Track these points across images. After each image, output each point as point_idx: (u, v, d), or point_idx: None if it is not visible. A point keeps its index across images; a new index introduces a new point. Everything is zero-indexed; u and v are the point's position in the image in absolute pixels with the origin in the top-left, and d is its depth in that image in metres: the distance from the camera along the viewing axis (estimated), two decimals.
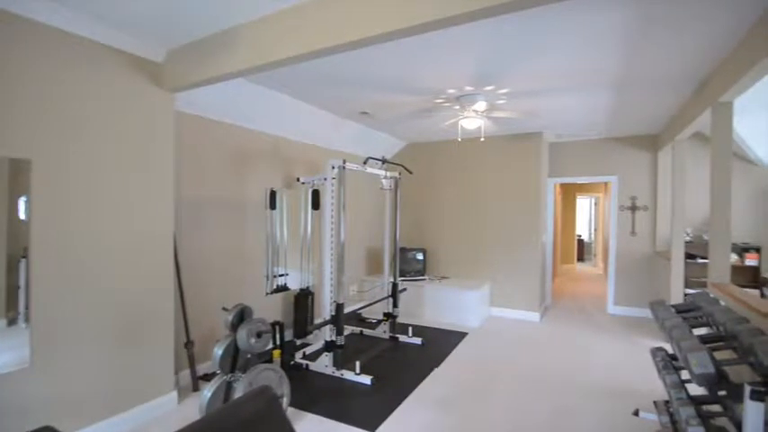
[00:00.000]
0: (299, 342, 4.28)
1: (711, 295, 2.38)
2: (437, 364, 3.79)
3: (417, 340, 4.35)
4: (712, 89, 3.11)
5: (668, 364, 2.44)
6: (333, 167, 3.56)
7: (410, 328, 4.50)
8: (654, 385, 3.39)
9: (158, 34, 2.57)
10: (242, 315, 2.64)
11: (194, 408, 2.93)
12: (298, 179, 4.22)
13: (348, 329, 4.71)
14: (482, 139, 4.77)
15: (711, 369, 1.62)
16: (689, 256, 4.75)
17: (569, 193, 10.61)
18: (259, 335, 2.58)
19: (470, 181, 5.94)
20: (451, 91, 3.69)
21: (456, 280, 5.76)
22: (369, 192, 5.71)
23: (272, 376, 2.64)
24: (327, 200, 3.59)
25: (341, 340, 3.50)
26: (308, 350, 4.02)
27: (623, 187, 5.85)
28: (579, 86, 3.54)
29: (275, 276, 4.31)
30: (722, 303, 2.23)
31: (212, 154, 3.65)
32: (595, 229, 11.88)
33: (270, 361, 3.54)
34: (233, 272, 3.85)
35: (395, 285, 4.54)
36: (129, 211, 2.66)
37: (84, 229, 2.44)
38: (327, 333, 3.52)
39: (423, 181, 6.26)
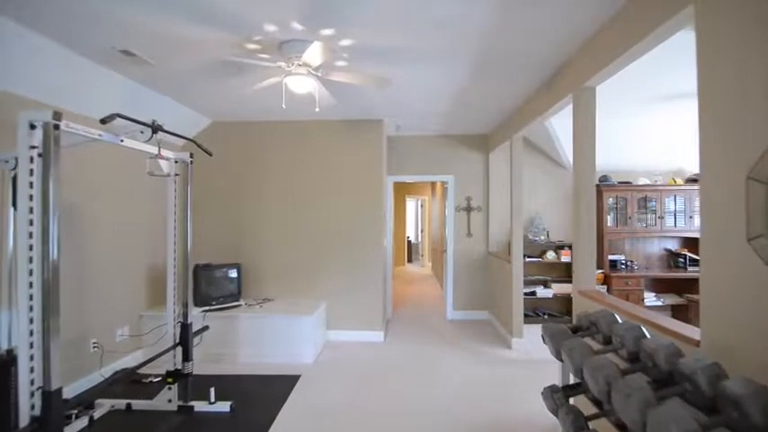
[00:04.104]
0: None
1: (620, 320, 1.81)
2: None
3: (224, 406, 2.89)
4: (577, 73, 2.73)
5: (579, 418, 1.75)
6: (33, 127, 1.84)
7: (212, 389, 2.97)
8: (519, 409, 2.87)
9: None
10: None
11: None
12: None
13: (106, 404, 2.87)
14: (317, 110, 3.52)
15: None
16: None
17: (399, 194, 10.55)
18: None
19: (301, 174, 4.74)
20: (271, 29, 2.44)
21: (283, 302, 4.46)
22: (154, 183, 3.83)
23: None
24: (23, 190, 1.84)
25: None
26: None
27: (459, 188, 5.63)
28: (435, 53, 2.80)
29: None
30: (640, 328, 1.64)
31: None
32: (422, 231, 12.29)
33: None
34: None
35: (185, 327, 2.94)
36: None
37: None
38: None
39: (236, 172, 4.73)
